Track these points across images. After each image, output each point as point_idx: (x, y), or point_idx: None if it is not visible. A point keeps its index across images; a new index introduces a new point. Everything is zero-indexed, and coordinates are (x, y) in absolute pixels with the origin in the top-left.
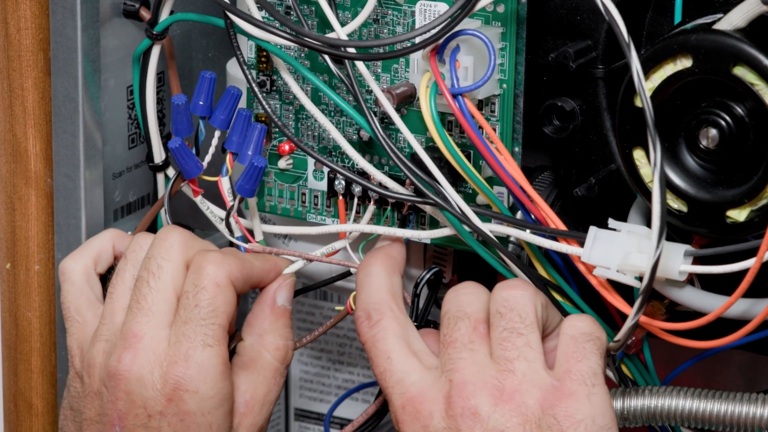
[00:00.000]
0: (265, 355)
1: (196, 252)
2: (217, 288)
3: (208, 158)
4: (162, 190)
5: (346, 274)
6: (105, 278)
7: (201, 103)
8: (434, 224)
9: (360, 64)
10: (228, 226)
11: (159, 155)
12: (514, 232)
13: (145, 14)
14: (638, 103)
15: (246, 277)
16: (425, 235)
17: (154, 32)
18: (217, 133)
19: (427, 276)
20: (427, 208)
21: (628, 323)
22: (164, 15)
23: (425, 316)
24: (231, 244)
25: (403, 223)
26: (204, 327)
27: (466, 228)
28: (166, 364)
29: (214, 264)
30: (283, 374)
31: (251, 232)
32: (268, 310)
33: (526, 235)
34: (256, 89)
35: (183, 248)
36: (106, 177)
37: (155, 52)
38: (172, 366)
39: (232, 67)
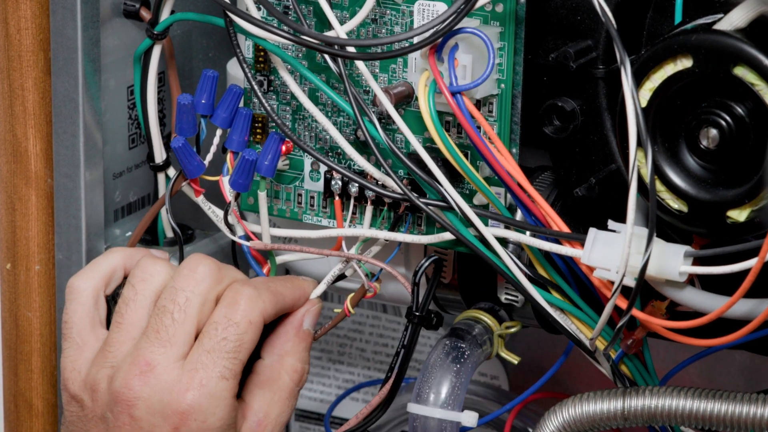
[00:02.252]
0: (283, 376)
1: (230, 283)
2: (249, 325)
3: (209, 157)
4: (163, 190)
5: (342, 277)
6: (108, 298)
7: (203, 101)
8: (430, 224)
9: (360, 64)
10: (228, 224)
11: (160, 155)
12: (513, 236)
13: (146, 14)
14: (640, 102)
15: (278, 311)
16: (425, 240)
17: (155, 32)
18: (218, 132)
19: (426, 264)
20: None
21: (603, 317)
22: (165, 15)
23: (426, 305)
24: (233, 243)
25: (396, 223)
26: (225, 360)
27: (461, 228)
28: (177, 391)
29: (251, 301)
30: (296, 396)
31: (259, 235)
32: (293, 332)
33: (527, 239)
34: (256, 88)
35: (213, 282)
36: (106, 177)
37: (156, 52)
38: (184, 393)
39: (233, 67)
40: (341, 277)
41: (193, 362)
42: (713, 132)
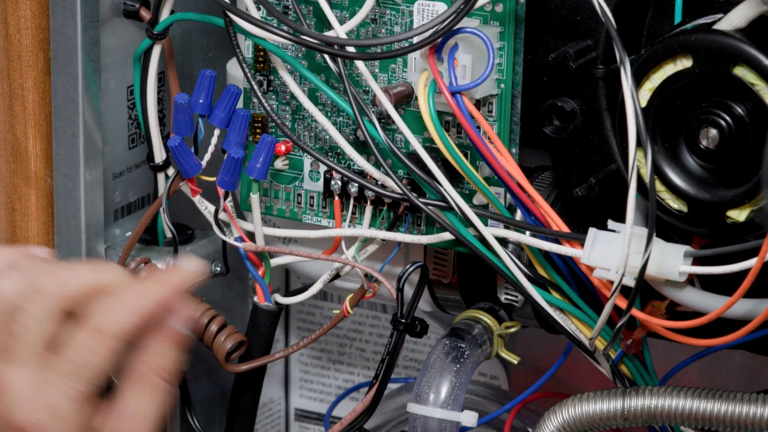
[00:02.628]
0: (147, 370)
1: (84, 293)
2: (107, 352)
3: (207, 157)
4: (162, 190)
5: (338, 276)
6: None
7: (201, 101)
8: (430, 224)
9: (359, 64)
10: (218, 224)
11: (160, 155)
12: (513, 236)
13: (145, 14)
14: (640, 102)
15: (142, 326)
16: (425, 240)
17: (155, 32)
18: (216, 132)
19: (411, 270)
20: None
21: (602, 317)
22: (164, 15)
23: (411, 312)
24: (224, 244)
25: (394, 223)
26: (77, 383)
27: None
28: (22, 408)
29: (110, 330)
30: (164, 390)
31: (253, 234)
32: (167, 334)
33: (526, 238)
34: (256, 88)
35: (60, 298)
36: (106, 177)
37: (156, 52)
38: (29, 411)
39: (233, 67)
40: (337, 276)
41: (43, 381)
42: (713, 132)
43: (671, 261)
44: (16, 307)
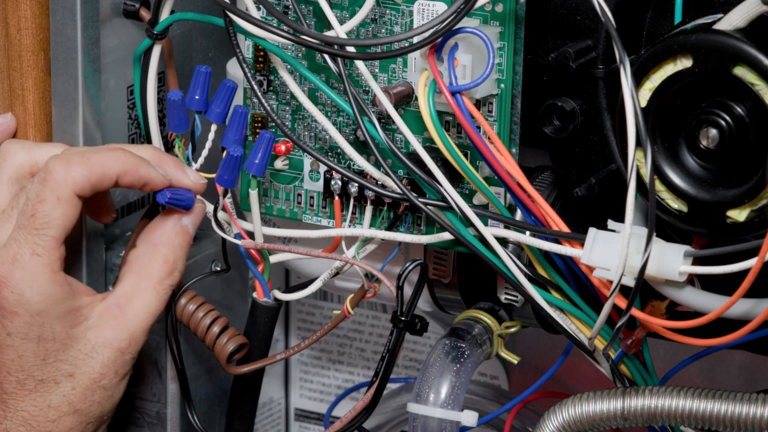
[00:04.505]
0: (153, 264)
1: (46, 156)
2: (57, 202)
3: (204, 153)
4: None
5: (336, 274)
6: None
7: (197, 97)
8: (430, 224)
9: (359, 63)
10: (217, 222)
11: None
12: (513, 236)
13: (145, 14)
14: (640, 102)
15: (96, 183)
16: (424, 240)
17: (155, 32)
18: (213, 128)
19: (410, 268)
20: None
21: (602, 317)
22: (164, 15)
23: (411, 309)
24: (224, 241)
25: (394, 223)
26: (35, 237)
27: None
28: None
29: (58, 177)
30: (167, 290)
31: (252, 233)
32: (171, 224)
33: (526, 238)
34: (256, 88)
35: (23, 159)
36: None
37: (156, 51)
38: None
39: (232, 67)
40: (337, 273)
41: (9, 238)
42: (713, 132)
43: (671, 261)
44: None
